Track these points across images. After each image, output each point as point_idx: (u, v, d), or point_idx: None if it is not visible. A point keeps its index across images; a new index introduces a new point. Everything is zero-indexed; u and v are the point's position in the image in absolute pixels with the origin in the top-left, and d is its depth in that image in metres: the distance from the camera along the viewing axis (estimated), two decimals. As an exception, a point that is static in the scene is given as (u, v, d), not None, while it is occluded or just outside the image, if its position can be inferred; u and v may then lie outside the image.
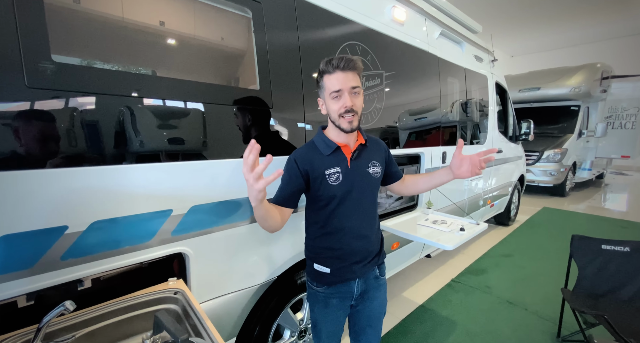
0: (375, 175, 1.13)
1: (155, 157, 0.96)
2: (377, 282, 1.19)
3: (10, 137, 0.72)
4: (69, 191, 0.80)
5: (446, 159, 2.52)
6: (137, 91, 0.92)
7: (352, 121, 1.01)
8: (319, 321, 1.17)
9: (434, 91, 2.36)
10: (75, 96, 0.81)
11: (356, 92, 1.01)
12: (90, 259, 0.85)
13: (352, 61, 0.99)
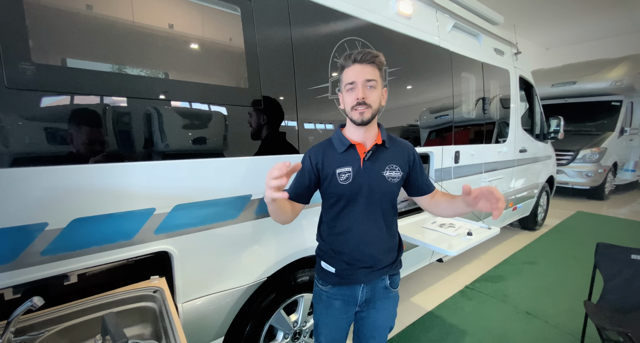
0: (392, 179, 1.04)
1: (137, 156, 0.97)
2: (386, 293, 1.12)
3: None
4: (49, 189, 0.83)
5: (459, 159, 2.39)
6: (117, 91, 0.93)
7: (364, 113, 0.96)
8: (320, 322, 1.14)
9: (446, 87, 2.23)
10: (55, 96, 0.83)
11: (371, 85, 0.97)
12: (71, 256, 0.88)
13: (370, 54, 0.96)
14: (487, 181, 2.77)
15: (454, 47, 2.28)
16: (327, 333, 1.13)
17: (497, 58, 2.88)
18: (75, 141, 0.87)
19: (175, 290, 1.09)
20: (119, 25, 0.97)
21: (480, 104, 2.67)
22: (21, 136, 0.79)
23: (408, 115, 1.98)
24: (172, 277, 1.08)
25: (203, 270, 1.14)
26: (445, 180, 2.29)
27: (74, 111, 0.86)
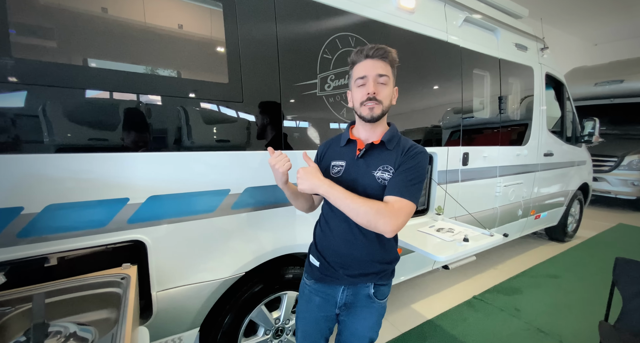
0: (382, 181, 0.96)
1: (112, 147, 1.01)
2: (369, 302, 1.05)
3: (-28, 126, 0.82)
4: (25, 175, 0.89)
5: (468, 161, 2.25)
6: (94, 84, 0.98)
7: (374, 108, 0.94)
8: (299, 316, 1.15)
9: (453, 85, 2.11)
10: (33, 89, 0.89)
11: (383, 81, 0.94)
12: (45, 239, 0.93)
13: (383, 49, 0.94)
14: (502, 186, 2.59)
15: (464, 43, 2.16)
16: (304, 327, 1.13)
17: (518, 54, 2.67)
18: (53, 131, 0.92)
19: (150, 279, 1.13)
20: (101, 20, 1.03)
21: (496, 103, 2.50)
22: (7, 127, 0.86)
23: (409, 115, 1.90)
24: (147, 266, 1.11)
25: (178, 261, 1.17)
26: (451, 183, 2.17)
27: (52, 103, 0.92)
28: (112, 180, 1.01)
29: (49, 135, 0.92)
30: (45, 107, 0.91)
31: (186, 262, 1.19)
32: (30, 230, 0.91)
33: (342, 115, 1.55)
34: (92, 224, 1.00)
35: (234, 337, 1.36)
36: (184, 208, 1.15)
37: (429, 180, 2.09)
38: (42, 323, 0.59)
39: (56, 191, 0.93)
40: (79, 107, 0.96)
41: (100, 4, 1.08)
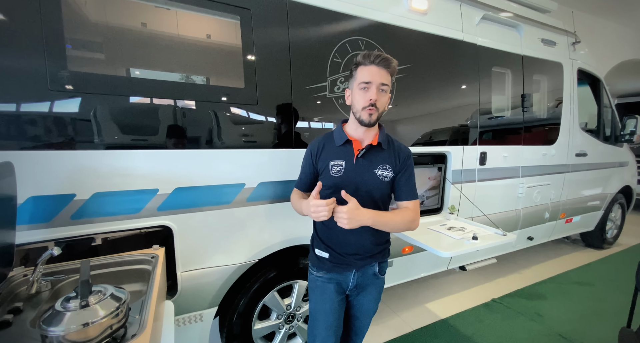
0: (383, 178, 1.09)
1: (146, 145, 1.18)
2: (374, 279, 1.20)
3: (38, 127, 1.02)
4: (77, 167, 1.08)
5: (486, 161, 2.22)
6: (132, 90, 1.15)
7: (372, 114, 1.03)
8: (317, 310, 1.17)
9: (470, 83, 2.10)
10: (85, 96, 1.08)
11: (384, 89, 1.04)
12: (92, 221, 1.12)
13: (388, 60, 1.03)
14: (525, 187, 2.50)
15: (482, 41, 2.13)
16: (325, 319, 1.15)
17: (545, 49, 2.57)
18: (100, 131, 1.10)
19: (176, 261, 1.29)
20: (141, 35, 1.20)
21: (519, 101, 2.43)
22: (59, 127, 1.05)
23: (422, 114, 1.93)
24: (173, 248, 1.28)
25: (198, 245, 1.32)
26: (467, 183, 2.15)
27: (99, 107, 1.10)
28: (146, 173, 1.18)
29: (97, 135, 1.10)
30: (95, 112, 1.09)
31: (206, 247, 1.34)
32: (81, 213, 1.10)
33: (351, 115, 1.62)
34: (128, 210, 1.17)
35: (248, 319, 1.50)
36: (204, 199, 1.30)
37: (442, 179, 2.09)
38: (87, 280, 0.74)
39: (101, 181, 1.12)
40: (120, 111, 1.14)
41: (140, 19, 1.27)
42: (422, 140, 1.93)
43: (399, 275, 2.01)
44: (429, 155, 2.04)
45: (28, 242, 1.04)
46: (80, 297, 0.73)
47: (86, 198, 1.10)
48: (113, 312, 0.75)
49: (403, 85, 1.80)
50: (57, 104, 1.04)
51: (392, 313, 2.23)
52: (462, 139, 2.10)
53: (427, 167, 2.02)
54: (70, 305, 0.71)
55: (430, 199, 2.08)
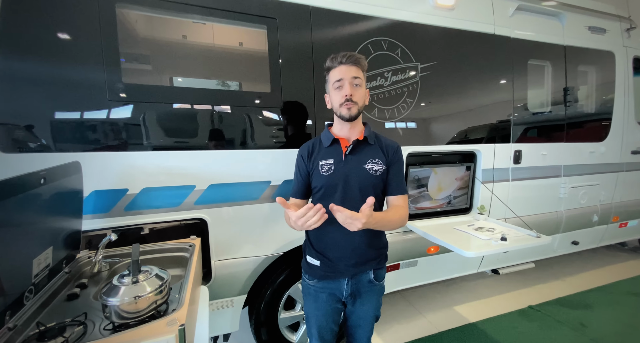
0: (373, 172, 1.09)
1: (185, 146, 1.33)
2: (370, 286, 1.16)
3: (98, 131, 1.20)
4: (129, 166, 1.25)
5: (521, 159, 2.11)
6: (179, 99, 1.31)
7: (351, 108, 1.05)
8: (310, 314, 1.20)
9: (502, 78, 2.02)
10: (136, 104, 1.24)
11: (357, 83, 1.06)
12: (141, 213, 1.29)
13: (354, 56, 1.06)
14: (567, 187, 2.33)
15: (516, 33, 2.03)
16: (317, 323, 1.18)
17: (592, 38, 2.37)
18: (148, 135, 1.27)
19: (210, 250, 1.43)
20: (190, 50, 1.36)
21: (560, 95, 2.27)
22: (118, 132, 1.23)
23: (449, 112, 1.89)
24: (207, 240, 1.42)
25: (229, 237, 1.45)
26: (499, 182, 2.06)
27: (150, 114, 1.26)
28: (185, 172, 1.33)
29: (145, 138, 1.27)
30: (144, 118, 1.26)
31: (236, 238, 1.46)
32: (132, 206, 1.27)
33: (373, 115, 1.66)
34: (170, 204, 1.33)
35: (274, 308, 1.60)
36: (235, 195, 1.42)
37: (472, 178, 2.03)
38: (137, 261, 0.88)
39: (149, 178, 1.28)
40: (164, 116, 1.30)
41: (181, 32, 1.44)
42: (449, 139, 1.89)
43: (423, 275, 2.00)
44: (457, 154, 2.00)
45: (91, 229, 1.23)
46: (132, 275, 0.87)
47: (136, 193, 1.27)
48: (157, 289, 0.88)
49: (427, 84, 1.78)
50: (114, 112, 1.22)
51: (418, 313, 2.21)
52: (493, 136, 2.02)
53: (454, 166, 1.98)
54: (124, 281, 0.85)
55: (458, 199, 2.03)
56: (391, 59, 1.68)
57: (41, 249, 0.91)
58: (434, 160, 1.94)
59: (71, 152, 1.16)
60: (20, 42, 1.08)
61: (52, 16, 1.12)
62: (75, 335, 0.81)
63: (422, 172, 1.88)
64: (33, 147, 1.13)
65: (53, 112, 1.14)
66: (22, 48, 1.09)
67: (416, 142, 1.78)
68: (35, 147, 1.13)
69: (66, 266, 1.07)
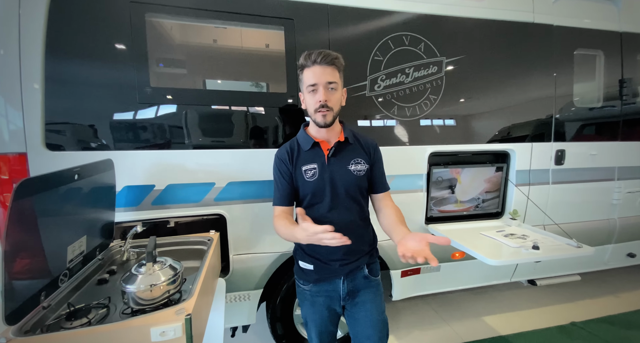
0: (357, 173, 1.08)
1: (207, 146, 1.40)
2: (367, 282, 1.14)
3: (130, 132, 1.31)
4: (155, 164, 1.35)
5: (564, 160, 1.91)
6: (200, 100, 1.38)
7: (326, 116, 1.01)
8: (308, 319, 1.17)
9: (542, 70, 1.84)
10: (163, 106, 1.34)
11: (332, 87, 1.01)
12: (166, 207, 1.38)
13: (329, 56, 0.99)
14: (622, 192, 2.06)
15: (561, 20, 1.84)
16: (317, 327, 1.16)
17: (658, 21, 2.06)
18: (172, 135, 1.36)
19: (229, 245, 1.49)
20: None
21: (615, 88, 2.01)
22: (147, 131, 1.33)
23: (478, 109, 1.77)
24: (226, 234, 1.48)
25: (246, 233, 1.50)
26: (538, 185, 1.89)
27: (175, 116, 1.35)
28: (205, 169, 1.40)
29: (170, 138, 1.36)
30: (168, 120, 1.35)
31: (253, 234, 1.51)
32: (159, 200, 1.37)
33: (392, 113, 1.60)
34: (192, 200, 1.41)
35: (290, 304, 1.63)
36: (251, 193, 1.47)
37: (504, 180, 1.88)
38: (151, 252, 0.94)
39: (173, 175, 1.37)
40: (187, 118, 1.38)
41: (212, 37, 1.52)
42: (479, 138, 1.77)
43: (447, 282, 1.90)
44: (487, 154, 1.86)
45: (123, 221, 1.35)
46: (146, 265, 0.94)
47: (162, 188, 1.37)
48: (170, 279, 0.94)
49: (453, 79, 1.68)
50: (145, 114, 1.32)
51: (442, 321, 2.11)
52: (530, 135, 1.85)
53: (483, 166, 1.85)
54: (141, 270, 0.92)
55: (488, 202, 1.90)
56: (413, 54, 1.61)
57: (76, 237, 1.02)
58: (461, 161, 1.83)
59: (104, 151, 1.28)
60: (67, 49, 1.22)
61: (92, 25, 1.24)
62: (98, 317, 0.90)
63: (447, 173, 1.78)
64: (74, 146, 1.26)
65: (92, 115, 1.27)
66: (67, 53, 1.22)
67: (440, 141, 1.69)
68: (76, 146, 1.26)
69: (100, 253, 1.19)
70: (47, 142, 1.23)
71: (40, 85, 1.20)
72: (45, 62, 1.20)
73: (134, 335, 0.79)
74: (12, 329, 0.75)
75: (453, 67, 1.68)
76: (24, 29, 1.17)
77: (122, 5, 1.26)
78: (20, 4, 1.16)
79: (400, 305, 2.28)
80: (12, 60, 1.16)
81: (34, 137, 1.21)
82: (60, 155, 1.24)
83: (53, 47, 1.20)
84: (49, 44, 1.20)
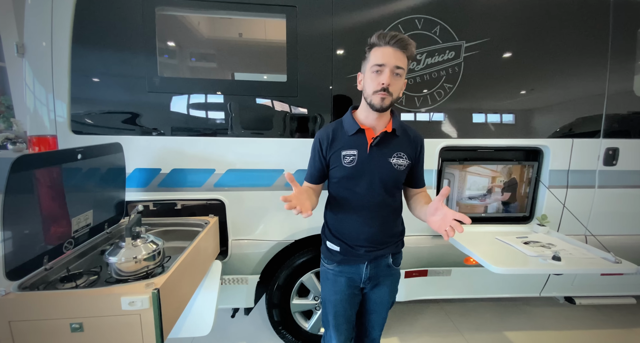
0: (398, 167, 1.06)
1: (207, 133, 1.46)
2: (389, 270, 1.17)
3: (141, 118, 1.42)
4: (162, 149, 1.44)
5: (617, 159, 1.61)
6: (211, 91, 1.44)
7: (384, 99, 0.97)
8: (326, 299, 1.20)
9: (590, 53, 1.55)
10: (170, 95, 1.42)
11: (398, 73, 0.97)
12: (170, 189, 1.48)
13: (404, 41, 0.94)
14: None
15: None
16: (335, 308, 1.17)
17: None
18: (179, 121, 1.44)
19: (227, 230, 1.55)
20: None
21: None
22: (155, 119, 1.43)
23: (504, 98, 1.56)
24: (225, 219, 1.54)
25: (244, 219, 1.54)
26: (579, 188, 1.61)
27: (181, 103, 1.43)
28: (206, 156, 1.47)
29: (174, 125, 1.44)
30: (173, 108, 1.43)
31: (250, 221, 1.55)
32: (164, 183, 1.47)
33: (400, 103, 1.49)
34: (194, 184, 1.49)
35: (287, 292, 1.64)
36: (250, 181, 1.50)
37: (535, 181, 1.65)
38: (130, 228, 1.02)
39: (177, 160, 1.46)
40: (189, 106, 1.45)
41: (237, 30, 1.60)
42: (504, 132, 1.57)
43: (458, 288, 1.74)
44: (514, 150, 1.64)
45: (134, 200, 1.48)
46: (124, 240, 1.01)
47: (167, 172, 1.47)
48: (150, 254, 1.01)
49: (475, 65, 1.50)
50: (152, 102, 1.42)
51: (455, 329, 1.95)
52: (570, 129, 1.58)
53: (508, 164, 1.63)
54: (122, 244, 1.01)
55: (513, 205, 1.68)
56: (427, 38, 1.48)
57: (81, 211, 1.15)
58: (480, 157, 1.65)
59: (113, 136, 1.40)
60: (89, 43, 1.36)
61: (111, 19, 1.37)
62: (88, 282, 1.01)
63: (459, 169, 1.62)
64: (92, 130, 1.41)
65: (106, 104, 1.41)
66: (89, 47, 1.36)
67: (454, 135, 1.54)
68: (93, 130, 1.41)
69: (108, 227, 1.33)
70: (73, 129, 1.39)
71: (67, 78, 1.36)
72: (72, 57, 1.35)
73: (108, 302, 0.86)
74: (13, 285, 0.88)
75: (474, 52, 1.50)
76: (56, 24, 1.33)
77: (135, 0, 1.36)
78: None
79: (415, 308, 2.16)
80: (48, 56, 1.34)
81: (64, 123, 1.38)
82: (82, 138, 1.40)
83: (78, 42, 1.35)
84: (74, 39, 1.35)
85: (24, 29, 1.37)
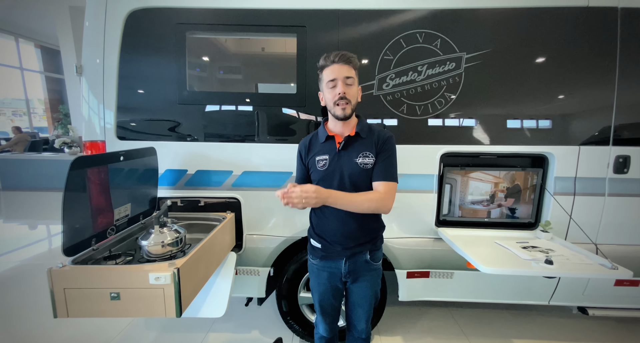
0: (364, 166, 1.16)
1: (227, 139, 1.66)
2: (367, 266, 1.26)
3: (173, 126, 1.65)
4: (189, 153, 1.66)
5: (628, 167, 1.59)
6: (232, 102, 1.65)
7: (345, 108, 1.12)
8: (314, 290, 1.36)
9: (599, 60, 1.55)
10: (195, 106, 1.64)
11: (349, 82, 1.12)
12: (195, 188, 1.69)
13: (346, 56, 1.12)
14: None
15: (630, 1, 1.52)
16: (319, 297, 1.33)
17: None
18: (204, 129, 1.66)
19: (243, 225, 1.73)
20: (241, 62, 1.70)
21: None
22: (185, 127, 1.66)
23: (507, 105, 1.60)
24: (241, 216, 1.72)
25: (257, 216, 1.71)
26: (585, 195, 1.60)
27: (206, 114, 1.65)
28: (225, 159, 1.67)
29: (200, 132, 1.66)
30: (200, 117, 1.65)
31: (262, 218, 1.72)
32: (190, 182, 1.69)
33: (401, 111, 1.60)
34: (215, 184, 1.69)
35: (295, 285, 1.79)
36: (262, 182, 1.67)
37: (540, 188, 1.66)
38: (158, 217, 1.22)
39: (201, 162, 1.67)
40: (214, 116, 1.66)
41: (260, 46, 1.82)
42: (505, 139, 1.61)
43: (461, 292, 1.77)
44: (517, 157, 1.67)
45: (165, 197, 1.71)
46: (159, 226, 1.22)
47: (192, 173, 1.68)
48: (173, 240, 1.20)
49: (475, 75, 1.57)
50: (181, 113, 1.65)
51: (461, 333, 1.97)
52: (576, 136, 1.59)
53: (511, 171, 1.66)
54: (152, 231, 1.21)
55: (518, 211, 1.70)
56: (428, 51, 1.57)
57: (122, 204, 1.38)
58: (483, 163, 1.69)
59: (149, 141, 1.64)
60: (133, 61, 1.62)
61: (151, 42, 1.62)
62: (124, 261, 1.22)
63: (460, 175, 1.67)
64: (133, 136, 1.66)
65: (145, 113, 1.65)
66: (133, 64, 1.62)
67: (455, 141, 1.61)
68: (134, 136, 1.66)
69: (143, 219, 1.56)
70: (118, 135, 1.66)
71: (115, 90, 1.63)
72: (119, 73, 1.62)
73: (139, 277, 1.06)
74: (68, 260, 1.10)
75: (475, 63, 1.56)
76: (107, 44, 1.60)
77: (171, 26, 1.60)
78: (106, 15, 1.59)
79: (422, 309, 2.21)
80: (100, 71, 1.62)
81: (111, 130, 1.65)
82: (125, 143, 1.65)
83: (124, 60, 1.61)
84: (121, 58, 1.61)
85: (82, 51, 1.66)
